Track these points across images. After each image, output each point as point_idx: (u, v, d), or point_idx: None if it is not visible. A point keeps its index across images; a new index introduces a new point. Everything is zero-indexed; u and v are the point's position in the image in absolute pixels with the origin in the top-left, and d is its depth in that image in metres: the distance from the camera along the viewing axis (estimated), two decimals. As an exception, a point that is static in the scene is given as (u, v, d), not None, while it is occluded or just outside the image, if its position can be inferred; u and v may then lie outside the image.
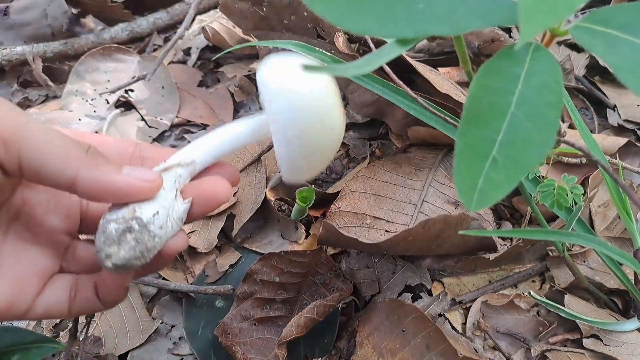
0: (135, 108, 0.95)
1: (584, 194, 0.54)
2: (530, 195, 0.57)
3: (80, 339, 0.58)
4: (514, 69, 0.29)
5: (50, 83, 1.01)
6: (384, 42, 0.71)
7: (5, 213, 0.38)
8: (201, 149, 0.40)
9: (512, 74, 0.29)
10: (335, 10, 0.29)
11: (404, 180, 0.72)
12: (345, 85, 0.84)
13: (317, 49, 0.61)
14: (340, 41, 0.70)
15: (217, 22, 1.08)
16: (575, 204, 0.54)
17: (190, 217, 0.39)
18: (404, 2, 0.29)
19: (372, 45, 0.68)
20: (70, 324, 0.57)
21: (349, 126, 0.89)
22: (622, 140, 0.77)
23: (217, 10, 1.11)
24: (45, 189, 0.38)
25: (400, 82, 0.59)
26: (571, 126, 0.81)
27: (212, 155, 0.40)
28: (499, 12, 0.30)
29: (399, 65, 0.68)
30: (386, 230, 0.67)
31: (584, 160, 0.73)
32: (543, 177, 0.56)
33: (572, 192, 0.53)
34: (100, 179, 0.35)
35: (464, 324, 0.63)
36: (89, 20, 1.19)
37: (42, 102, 1.01)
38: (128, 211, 0.36)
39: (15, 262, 0.37)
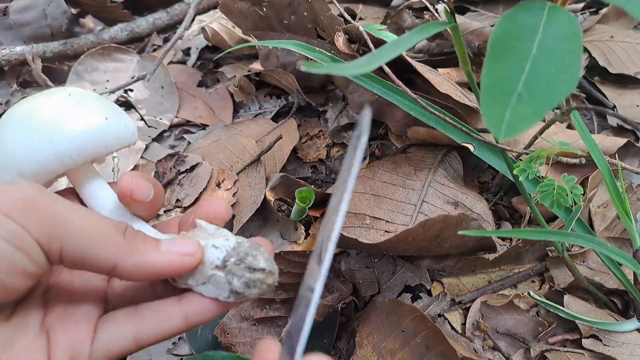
0: (134, 108, 0.95)
1: (583, 194, 0.54)
2: (530, 195, 0.57)
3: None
4: (532, 20, 0.30)
5: (50, 83, 1.01)
6: (383, 42, 0.71)
7: (40, 289, 0.39)
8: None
9: (531, 25, 0.30)
10: None
11: (403, 181, 0.72)
12: (345, 85, 0.84)
13: (317, 48, 0.61)
14: (340, 41, 0.70)
15: (217, 22, 1.08)
16: (575, 204, 0.54)
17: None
18: None
19: (371, 45, 0.68)
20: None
21: (349, 126, 0.89)
22: (622, 141, 0.77)
23: (217, 10, 1.11)
24: None
25: (400, 83, 0.59)
26: (570, 126, 0.81)
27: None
28: None
29: (399, 66, 0.68)
30: (386, 231, 0.67)
31: (583, 161, 0.73)
32: (542, 177, 0.56)
33: (571, 192, 0.53)
34: (141, 264, 0.35)
35: (464, 324, 0.63)
36: (89, 21, 1.19)
37: (42, 102, 1.01)
38: (208, 269, 0.37)
39: (62, 325, 0.37)
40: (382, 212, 0.69)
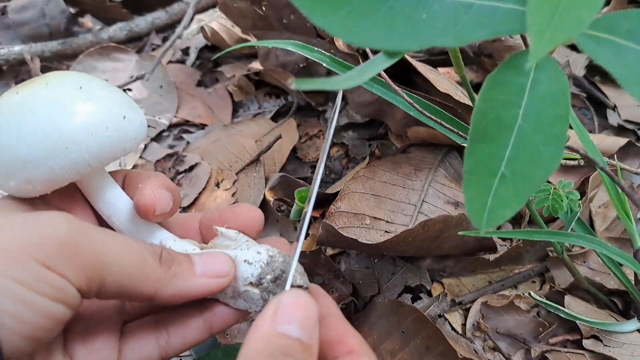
0: (133, 108, 0.95)
1: (580, 199, 0.54)
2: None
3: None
4: (519, 79, 0.28)
5: (48, 82, 1.01)
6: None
7: None
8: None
9: (518, 84, 0.28)
10: (336, 22, 0.28)
11: (403, 181, 0.72)
12: (344, 85, 0.83)
13: (316, 48, 0.60)
14: (340, 41, 0.70)
15: (216, 21, 1.07)
16: (571, 210, 0.53)
17: None
18: (406, 13, 0.28)
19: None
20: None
21: (348, 126, 0.89)
22: (623, 141, 0.77)
23: (216, 9, 1.11)
24: None
25: (396, 88, 0.59)
26: (570, 126, 0.80)
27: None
28: (504, 22, 0.29)
29: (399, 65, 0.68)
30: (386, 231, 0.67)
31: (581, 162, 0.73)
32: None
33: (567, 198, 0.53)
34: (178, 291, 0.36)
35: (464, 324, 0.63)
36: (87, 20, 1.18)
37: (40, 101, 1.00)
38: (241, 284, 0.38)
39: (86, 350, 0.37)
40: (382, 212, 0.69)
